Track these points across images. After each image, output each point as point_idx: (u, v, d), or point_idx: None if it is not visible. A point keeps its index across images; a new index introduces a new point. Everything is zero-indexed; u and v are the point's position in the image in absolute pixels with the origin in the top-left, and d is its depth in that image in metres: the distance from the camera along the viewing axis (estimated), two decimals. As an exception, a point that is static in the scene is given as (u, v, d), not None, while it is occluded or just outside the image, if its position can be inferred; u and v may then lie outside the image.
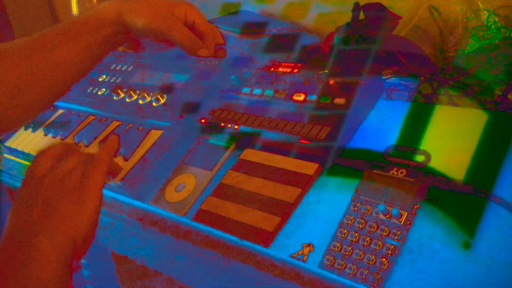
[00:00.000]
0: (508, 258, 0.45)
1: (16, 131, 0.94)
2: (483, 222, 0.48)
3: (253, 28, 0.96)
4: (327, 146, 0.61)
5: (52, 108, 0.95)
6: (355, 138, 0.64)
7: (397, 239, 0.50)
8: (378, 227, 0.52)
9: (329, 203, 0.57)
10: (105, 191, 0.72)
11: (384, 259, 0.49)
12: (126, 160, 0.72)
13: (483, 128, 0.56)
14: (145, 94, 0.81)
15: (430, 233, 0.49)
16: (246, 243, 0.56)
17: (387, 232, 0.51)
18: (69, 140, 0.83)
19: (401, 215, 0.51)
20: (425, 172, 0.54)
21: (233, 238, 0.57)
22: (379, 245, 0.50)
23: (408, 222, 0.51)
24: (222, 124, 0.71)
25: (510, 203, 0.49)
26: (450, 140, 0.57)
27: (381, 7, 0.75)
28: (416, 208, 0.52)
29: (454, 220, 0.49)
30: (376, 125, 0.64)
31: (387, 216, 0.52)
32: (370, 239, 0.51)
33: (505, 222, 0.48)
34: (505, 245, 0.46)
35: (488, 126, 0.56)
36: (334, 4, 0.92)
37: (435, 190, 0.53)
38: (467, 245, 0.47)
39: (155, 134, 0.74)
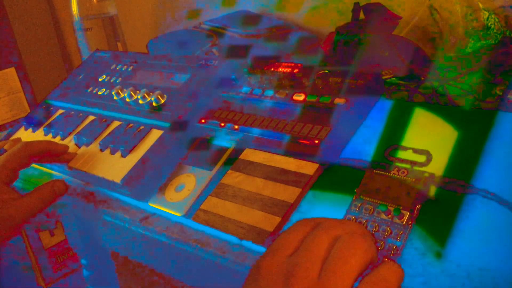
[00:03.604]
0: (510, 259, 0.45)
1: (16, 131, 0.94)
2: (485, 223, 0.48)
3: (253, 28, 0.96)
4: (327, 146, 0.61)
5: (52, 108, 0.95)
6: (355, 138, 0.63)
7: (399, 239, 0.50)
8: (379, 227, 0.52)
9: (329, 203, 0.57)
10: (105, 191, 0.73)
11: (386, 260, 0.49)
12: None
13: (484, 128, 0.56)
14: (145, 94, 0.81)
15: (432, 233, 0.49)
16: (246, 243, 0.56)
17: (388, 232, 0.51)
18: (69, 140, 0.83)
19: (403, 215, 0.51)
20: (427, 172, 0.54)
21: (233, 238, 0.57)
22: (381, 245, 0.50)
23: (410, 222, 0.51)
24: (222, 124, 0.71)
25: None
26: (451, 140, 0.57)
27: (381, 7, 0.75)
28: (417, 208, 0.52)
29: (456, 220, 0.49)
30: (377, 125, 0.64)
31: (389, 216, 0.52)
32: (371, 239, 0.51)
33: (507, 223, 0.48)
34: (506, 246, 0.46)
35: (488, 126, 0.56)
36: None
37: (436, 190, 0.52)
38: (469, 245, 0.47)
39: (155, 134, 0.74)
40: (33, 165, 0.83)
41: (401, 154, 0.58)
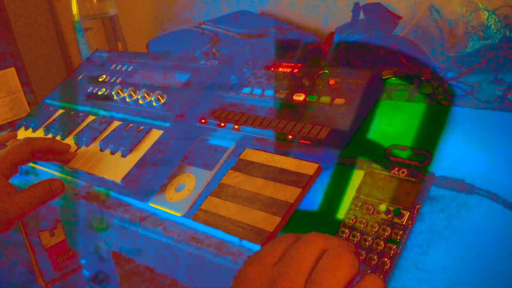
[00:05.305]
0: (510, 259, 0.45)
1: (16, 131, 0.94)
2: (485, 222, 0.48)
3: (253, 28, 0.96)
4: (327, 146, 0.61)
5: (52, 108, 0.95)
6: (355, 138, 0.63)
7: (399, 239, 0.50)
8: (379, 227, 0.52)
9: (329, 203, 0.57)
10: (104, 191, 0.73)
11: (386, 259, 0.49)
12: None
13: (483, 128, 0.56)
14: (145, 94, 0.81)
15: (432, 232, 0.49)
16: (246, 243, 0.56)
17: (388, 232, 0.51)
18: (69, 140, 0.83)
19: (403, 215, 0.51)
20: (426, 171, 0.54)
21: (233, 238, 0.57)
22: (381, 245, 0.50)
23: (410, 222, 0.51)
24: (222, 124, 0.71)
25: None
26: (451, 140, 0.57)
27: (381, 7, 0.76)
28: (417, 207, 0.52)
29: (456, 219, 0.49)
30: (376, 125, 0.64)
31: (389, 216, 0.52)
32: (372, 239, 0.51)
33: (506, 221, 0.48)
34: (506, 245, 0.46)
35: (488, 126, 0.56)
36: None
37: (436, 190, 0.52)
38: (471, 245, 0.47)
39: (155, 134, 0.74)
40: (32, 164, 0.83)
41: (401, 154, 0.58)
